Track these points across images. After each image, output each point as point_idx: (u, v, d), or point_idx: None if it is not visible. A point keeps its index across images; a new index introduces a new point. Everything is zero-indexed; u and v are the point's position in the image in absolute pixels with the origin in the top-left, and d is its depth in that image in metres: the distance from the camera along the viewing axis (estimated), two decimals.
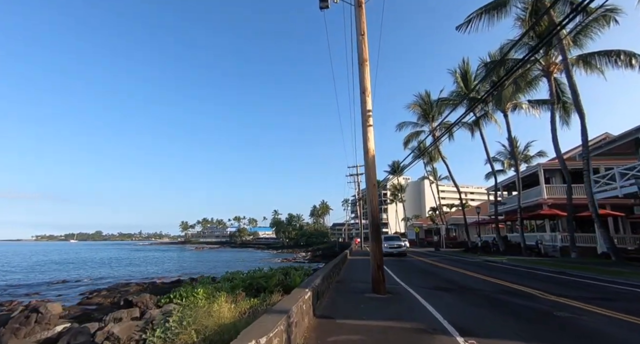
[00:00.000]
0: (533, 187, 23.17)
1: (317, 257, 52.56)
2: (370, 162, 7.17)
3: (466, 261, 18.47)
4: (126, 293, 20.33)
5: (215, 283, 6.92)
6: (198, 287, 5.80)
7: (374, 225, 7.00)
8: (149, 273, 33.31)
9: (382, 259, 6.91)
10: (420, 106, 32.07)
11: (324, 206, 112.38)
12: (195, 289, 4.54)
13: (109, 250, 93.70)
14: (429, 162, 47.29)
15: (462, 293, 7.15)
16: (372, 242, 6.96)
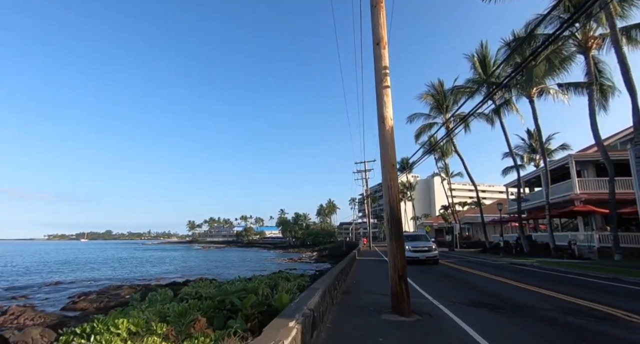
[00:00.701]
0: (562, 182, 20.83)
1: (324, 257, 50.77)
2: (388, 135, 5.27)
3: (490, 264, 16.37)
4: (116, 297, 18.93)
5: (176, 299, 5.14)
6: (130, 311, 4.06)
7: (394, 219, 5.10)
8: (149, 274, 32.10)
9: (405, 267, 5.00)
10: (433, 96, 29.86)
11: (331, 205, 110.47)
12: (117, 319, 2.84)
13: (116, 249, 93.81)
14: (440, 157, 44.95)
15: (517, 314, 5.20)
16: (390, 243, 5.06)
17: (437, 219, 58.67)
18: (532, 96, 19.57)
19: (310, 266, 39.18)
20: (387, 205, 5.19)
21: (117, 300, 16.72)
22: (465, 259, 19.21)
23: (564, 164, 20.64)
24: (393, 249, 5.04)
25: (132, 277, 28.93)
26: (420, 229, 64.08)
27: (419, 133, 29.95)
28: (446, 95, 29.58)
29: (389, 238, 5.14)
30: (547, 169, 18.99)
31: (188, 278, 27.50)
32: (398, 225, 5.11)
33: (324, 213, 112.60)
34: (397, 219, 5.12)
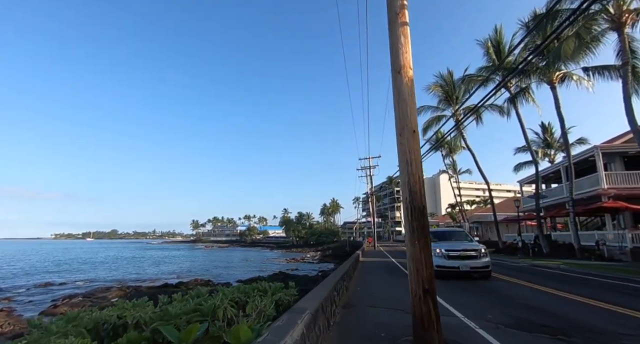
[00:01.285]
0: (586, 176, 19.01)
1: (327, 257, 49.25)
2: (406, 90, 3.72)
3: (510, 266, 14.67)
4: (102, 300, 17.74)
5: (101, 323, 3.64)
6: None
7: (416, 209, 3.55)
8: (145, 274, 30.96)
9: (433, 279, 3.44)
10: (442, 87, 28.12)
11: (335, 204, 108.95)
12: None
13: (119, 249, 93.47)
14: (448, 153, 43.08)
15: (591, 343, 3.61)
16: (411, 243, 3.51)
17: (443, 219, 56.81)
18: (554, 81, 17.79)
19: (312, 267, 37.71)
20: (405, 188, 3.63)
21: (100, 304, 15.49)
22: None
23: (589, 156, 18.82)
24: (415, 253, 3.48)
25: (127, 278, 27.76)
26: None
27: (427, 126, 28.21)
28: (455, 86, 27.83)
29: (409, 236, 3.58)
30: (570, 161, 17.23)
31: (184, 279, 26.26)
32: (422, 217, 3.54)
33: (328, 212, 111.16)
34: (420, 208, 3.57)
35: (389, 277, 10.28)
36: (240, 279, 26.12)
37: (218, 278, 28.49)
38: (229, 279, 27.19)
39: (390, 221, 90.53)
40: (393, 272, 11.88)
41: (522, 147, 33.68)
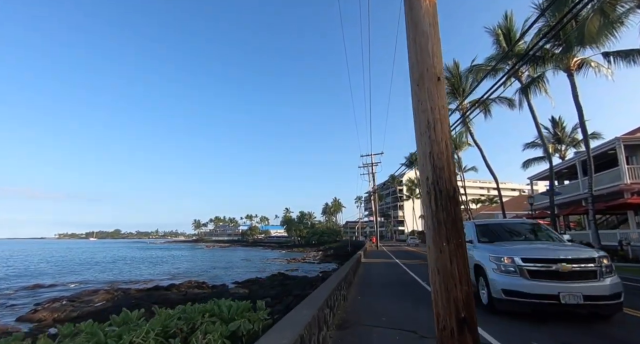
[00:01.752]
0: (605, 171, 17.63)
1: (329, 257, 48.04)
2: (426, 16, 2.50)
3: None
4: (87, 304, 16.70)
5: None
6: None
7: (443, 193, 2.33)
8: (140, 275, 29.97)
9: (472, 302, 2.19)
10: (448, 80, 26.77)
11: (336, 203, 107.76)
12: None
13: (120, 249, 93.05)
14: (453, 150, 41.59)
15: None
16: (435, 245, 2.31)
17: None
18: (572, 68, 16.42)
19: (313, 267, 36.54)
20: (426, 162, 2.41)
21: (82, 309, 14.43)
22: None
23: (608, 149, 17.43)
24: (442, 261, 2.25)
25: (120, 279, 26.75)
26: None
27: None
28: (462, 78, 26.49)
29: (432, 235, 2.35)
30: (589, 154, 15.87)
31: (179, 280, 25.20)
32: (452, 206, 2.32)
33: (330, 212, 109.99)
34: (449, 192, 2.34)
35: (394, 282, 9.06)
36: (238, 281, 25.03)
37: (215, 279, 27.39)
38: (226, 280, 26.08)
39: (393, 220, 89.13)
40: (399, 276, 10.65)
41: (532, 143, 32.26)
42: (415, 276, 10.37)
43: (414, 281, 9.21)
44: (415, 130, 2.54)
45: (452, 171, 2.40)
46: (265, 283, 22.39)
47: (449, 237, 2.26)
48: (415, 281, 9.29)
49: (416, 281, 9.27)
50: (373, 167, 34.83)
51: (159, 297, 16.48)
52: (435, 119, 2.42)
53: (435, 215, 2.34)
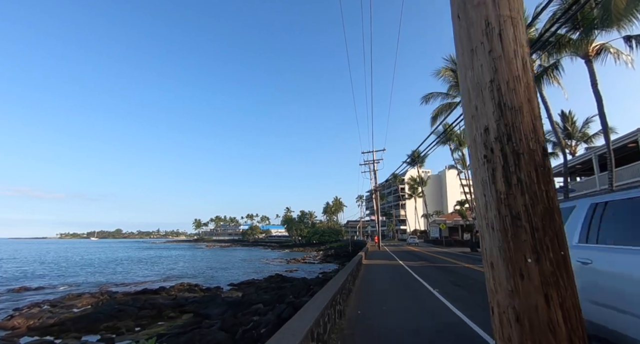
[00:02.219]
0: (625, 165, 16.36)
1: (329, 257, 46.92)
2: None
3: None
4: (68, 309, 15.65)
5: None
6: None
7: (523, 156, 1.10)
8: (133, 277, 29.00)
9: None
10: (453, 71, 25.52)
11: (337, 202, 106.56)
12: None
13: (119, 248, 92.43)
14: (457, 147, 40.39)
15: None
16: (507, 257, 1.19)
17: (451, 216, 54.11)
18: (590, 54, 15.16)
19: (313, 267, 35.42)
20: (482, 96, 1.23)
21: (60, 316, 13.34)
22: None
23: (629, 142, 16.14)
24: (525, 295, 1.05)
25: (111, 281, 25.73)
26: (434, 227, 59.46)
27: (437, 114, 25.60)
28: None
29: (498, 239, 1.16)
30: (609, 147, 14.60)
31: (171, 282, 24.13)
32: (540, 183, 1.12)
33: (331, 211, 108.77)
34: (532, 155, 1.14)
35: (402, 291, 7.87)
36: (233, 283, 23.96)
37: (210, 280, 26.33)
38: (222, 282, 25.00)
39: (395, 220, 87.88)
40: (405, 282, 9.45)
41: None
42: (424, 282, 9.17)
43: (424, 290, 8.02)
44: (460, 45, 1.37)
45: (536, 115, 1.22)
46: (262, 285, 21.39)
47: (538, 245, 1.09)
48: (426, 289, 8.10)
49: (427, 289, 8.08)
50: (375, 165, 33.61)
51: (146, 302, 15.39)
52: (502, 19, 1.24)
53: (505, 201, 1.16)
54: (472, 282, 9.30)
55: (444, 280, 9.70)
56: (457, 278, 10.22)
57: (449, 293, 7.33)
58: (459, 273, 11.66)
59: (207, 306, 14.21)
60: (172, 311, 14.46)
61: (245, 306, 13.27)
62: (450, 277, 10.52)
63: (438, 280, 9.61)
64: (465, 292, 7.60)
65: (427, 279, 9.62)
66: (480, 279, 9.91)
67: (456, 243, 40.68)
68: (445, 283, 8.97)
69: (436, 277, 10.43)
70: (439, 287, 8.13)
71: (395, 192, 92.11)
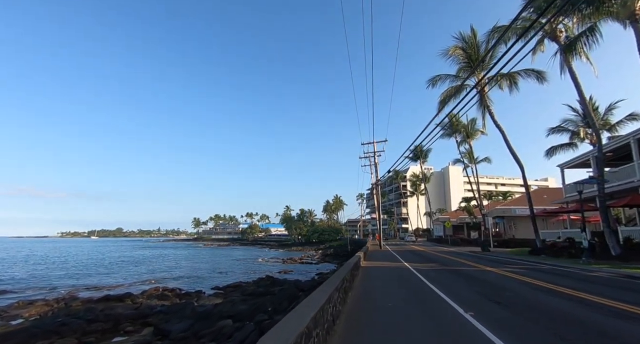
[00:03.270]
0: None
1: (328, 256, 44.64)
2: None
3: (605, 280, 9.54)
4: (8, 320, 13.24)
5: None
6: None
7: None
8: (112, 279, 26.73)
9: None
10: (463, 50, 22.84)
11: (338, 200, 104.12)
12: None
13: (115, 247, 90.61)
14: (464, 139, 37.71)
15: None
16: None
17: (455, 214, 51.44)
18: (637, 12, 12.47)
19: (310, 268, 33.01)
20: None
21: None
22: (539, 269, 12.45)
23: None
24: None
25: (84, 284, 23.41)
26: (437, 225, 56.81)
27: (444, 98, 22.89)
28: (480, 48, 22.56)
29: None
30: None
31: (147, 286, 21.75)
32: None
33: (331, 210, 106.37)
34: None
35: (417, 314, 5.26)
36: (218, 286, 21.50)
37: (194, 283, 23.84)
38: (206, 285, 22.54)
39: (397, 218, 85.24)
40: (421, 298, 6.85)
41: (558, 127, 28.27)
42: (446, 297, 6.57)
43: (450, 311, 5.40)
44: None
45: None
46: (248, 288, 19.06)
47: None
48: (452, 310, 5.48)
49: (454, 310, 5.45)
50: (376, 157, 30.99)
51: (102, 312, 12.92)
52: None
53: None
54: (510, 295, 6.70)
55: (471, 292, 7.09)
56: (485, 289, 7.61)
57: (488, 316, 4.76)
58: (484, 281, 9.04)
59: (171, 319, 11.70)
60: (131, 324, 11.92)
61: (214, 319, 10.76)
62: (476, 286, 7.92)
63: (462, 293, 7.01)
64: (511, 314, 5.01)
65: (448, 292, 7.01)
66: (518, 290, 7.29)
67: (463, 242, 38.02)
68: (474, 298, 6.38)
69: (458, 287, 7.83)
70: (468, 305, 5.54)
71: (396, 189, 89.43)
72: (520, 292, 7.09)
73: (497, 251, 24.85)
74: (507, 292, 7.05)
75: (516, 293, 6.99)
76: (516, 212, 33.38)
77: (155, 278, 27.09)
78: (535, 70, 21.30)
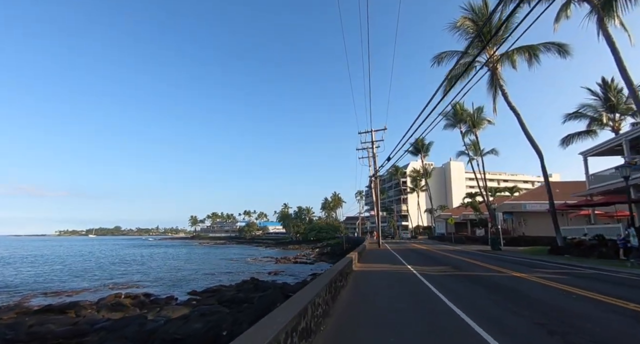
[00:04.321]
0: None
1: (324, 255, 42.20)
2: None
3: None
4: None
5: None
6: None
7: None
8: (79, 281, 24.87)
9: None
10: (473, 22, 20.09)
11: (336, 198, 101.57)
12: None
13: (108, 246, 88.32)
14: (470, 129, 34.99)
15: None
16: None
17: (458, 211, 48.76)
18: None
19: (304, 268, 30.49)
20: None
21: None
22: (581, 274, 9.82)
23: None
24: None
25: (44, 288, 21.04)
26: (440, 222, 54.24)
27: (452, 76, 20.07)
28: (492, 18, 19.78)
29: None
30: None
31: (114, 291, 19.14)
32: None
33: (329, 207, 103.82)
34: None
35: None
36: (196, 291, 18.78)
37: (172, 287, 21.12)
38: (184, 289, 19.86)
39: (396, 215, 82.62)
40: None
41: (576, 113, 25.60)
42: (483, 332, 3.88)
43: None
44: None
45: None
46: (227, 294, 16.62)
47: None
48: (460, 318, 2.76)
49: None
50: (374, 148, 28.24)
51: (30, 328, 10.37)
52: None
53: None
54: (588, 326, 4.01)
55: (520, 321, 4.40)
56: (539, 313, 4.90)
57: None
58: (525, 296, 6.35)
59: (108, 340, 9.07)
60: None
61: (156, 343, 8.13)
62: (524, 308, 5.22)
63: (506, 321, 4.32)
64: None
65: (486, 320, 4.31)
66: (590, 314, 4.60)
67: (468, 240, 35.42)
68: (536, 334, 3.70)
69: (495, 310, 5.12)
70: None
71: (396, 186, 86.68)
72: (596, 318, 4.42)
73: (508, 250, 22.26)
74: (578, 319, 4.37)
75: (591, 319, 4.32)
76: (526, 208, 30.78)
77: (131, 280, 24.53)
78: (557, 43, 18.59)
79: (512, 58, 20.81)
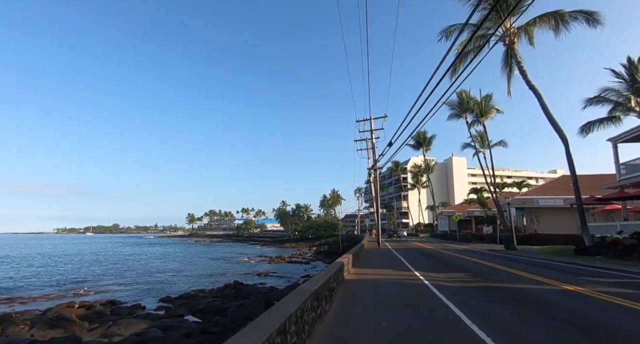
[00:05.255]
0: None
1: (321, 254, 39.93)
2: None
3: None
4: None
5: None
6: None
7: None
8: (60, 283, 22.89)
9: None
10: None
11: (335, 195, 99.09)
12: None
13: (102, 244, 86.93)
14: (477, 119, 32.41)
15: None
16: None
17: (461, 208, 46.28)
18: None
19: (297, 269, 28.15)
20: None
21: None
22: None
23: None
24: None
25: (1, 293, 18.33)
26: (443, 219, 51.79)
27: (462, 51, 17.37)
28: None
29: None
30: None
31: (82, 297, 16.78)
32: None
33: (328, 205, 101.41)
34: None
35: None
36: (170, 296, 16.35)
37: (146, 291, 18.58)
38: (159, 294, 17.40)
39: (397, 212, 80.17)
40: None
41: (597, 97, 23.00)
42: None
43: None
44: None
45: None
46: (203, 301, 14.55)
47: None
48: None
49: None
50: (373, 138, 25.67)
51: None
52: None
53: None
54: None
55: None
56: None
57: None
58: (613, 330, 3.85)
59: None
60: None
61: None
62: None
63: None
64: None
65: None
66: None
67: (474, 238, 32.94)
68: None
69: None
70: None
71: (396, 182, 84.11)
72: None
73: (524, 249, 19.84)
74: None
75: None
76: (539, 203, 28.26)
77: (104, 284, 22.17)
78: (585, 11, 16.03)
79: (531, 33, 18.25)
